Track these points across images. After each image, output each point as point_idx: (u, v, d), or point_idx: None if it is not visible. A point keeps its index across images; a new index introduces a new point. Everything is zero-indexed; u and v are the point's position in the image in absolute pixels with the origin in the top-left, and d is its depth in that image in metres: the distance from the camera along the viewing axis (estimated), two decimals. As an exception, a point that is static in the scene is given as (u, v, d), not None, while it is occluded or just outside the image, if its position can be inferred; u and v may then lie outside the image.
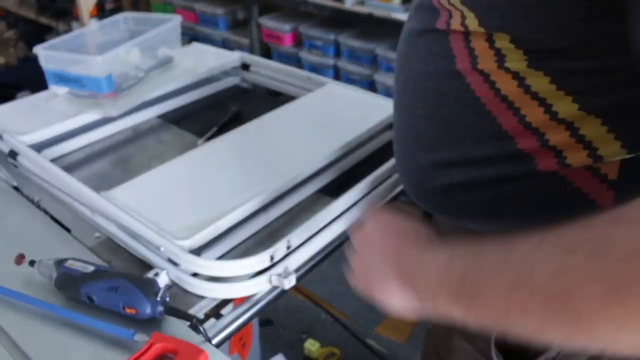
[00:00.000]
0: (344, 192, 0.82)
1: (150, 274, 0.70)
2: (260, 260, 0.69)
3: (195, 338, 0.63)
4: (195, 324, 0.63)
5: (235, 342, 1.11)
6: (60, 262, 0.66)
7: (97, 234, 0.79)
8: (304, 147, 0.90)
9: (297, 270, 0.72)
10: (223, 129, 1.07)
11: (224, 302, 0.70)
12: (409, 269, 0.49)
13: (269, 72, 1.24)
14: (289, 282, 0.69)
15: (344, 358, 1.68)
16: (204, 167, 0.86)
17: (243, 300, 0.71)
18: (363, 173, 0.86)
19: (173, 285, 0.71)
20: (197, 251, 0.72)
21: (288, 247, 0.72)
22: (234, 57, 1.25)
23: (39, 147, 0.93)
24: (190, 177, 0.84)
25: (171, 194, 0.80)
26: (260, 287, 0.70)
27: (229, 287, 0.69)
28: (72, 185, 0.81)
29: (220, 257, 0.75)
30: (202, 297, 0.70)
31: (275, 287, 0.70)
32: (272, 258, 0.70)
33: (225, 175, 0.84)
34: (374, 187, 0.85)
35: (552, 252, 0.34)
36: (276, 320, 1.78)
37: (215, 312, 0.70)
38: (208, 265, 0.69)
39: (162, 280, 0.70)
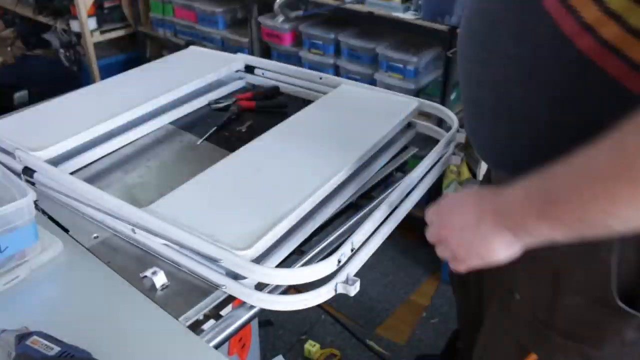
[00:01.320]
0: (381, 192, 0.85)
1: (147, 273, 0.69)
2: (328, 265, 0.68)
3: (195, 339, 0.62)
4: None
5: (235, 342, 1.11)
6: (22, 338, 0.58)
7: (95, 235, 0.78)
8: (338, 148, 0.89)
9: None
10: (222, 128, 1.07)
11: (224, 303, 0.69)
12: (493, 214, 0.57)
13: (275, 74, 1.23)
14: (355, 289, 0.68)
15: (344, 359, 1.67)
16: (241, 174, 0.84)
17: (242, 301, 0.70)
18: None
19: (169, 285, 0.70)
20: (257, 261, 0.70)
21: (352, 250, 0.71)
22: (237, 61, 1.23)
23: (54, 163, 0.88)
24: (230, 185, 0.81)
25: (216, 204, 0.77)
26: (326, 296, 0.68)
27: (294, 297, 0.68)
28: (111, 203, 0.76)
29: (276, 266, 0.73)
30: (201, 298, 0.69)
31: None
32: (339, 262, 0.69)
33: (264, 180, 0.81)
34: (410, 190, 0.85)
35: (602, 151, 0.48)
36: (276, 321, 1.77)
37: (215, 312, 0.69)
38: (275, 274, 0.67)
39: (159, 280, 0.69)
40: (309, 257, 0.77)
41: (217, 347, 0.65)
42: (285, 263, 0.75)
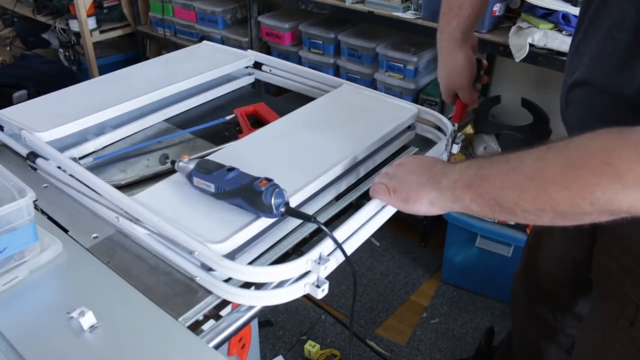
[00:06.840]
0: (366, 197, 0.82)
1: (74, 314, 0.63)
2: (296, 266, 0.67)
3: (194, 340, 0.62)
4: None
5: (235, 343, 1.10)
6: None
7: (94, 235, 0.78)
8: (330, 148, 0.88)
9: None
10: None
11: (224, 303, 0.69)
12: (437, 175, 0.69)
13: (282, 72, 1.24)
14: (323, 292, 0.67)
15: (344, 359, 1.66)
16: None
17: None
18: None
19: (170, 284, 0.69)
20: (230, 256, 0.70)
21: (320, 255, 0.70)
22: (248, 57, 1.25)
23: (58, 150, 0.89)
24: None
25: (201, 197, 0.77)
26: (292, 295, 0.67)
27: (262, 294, 0.67)
28: (102, 188, 0.77)
29: (250, 263, 0.73)
30: (201, 298, 0.68)
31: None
32: (310, 263, 0.68)
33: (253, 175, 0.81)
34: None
35: (530, 157, 0.59)
36: (276, 322, 1.77)
37: (215, 313, 0.69)
38: (245, 270, 0.67)
39: (87, 321, 0.63)
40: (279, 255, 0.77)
41: (217, 347, 0.64)
42: (278, 261, 0.75)
